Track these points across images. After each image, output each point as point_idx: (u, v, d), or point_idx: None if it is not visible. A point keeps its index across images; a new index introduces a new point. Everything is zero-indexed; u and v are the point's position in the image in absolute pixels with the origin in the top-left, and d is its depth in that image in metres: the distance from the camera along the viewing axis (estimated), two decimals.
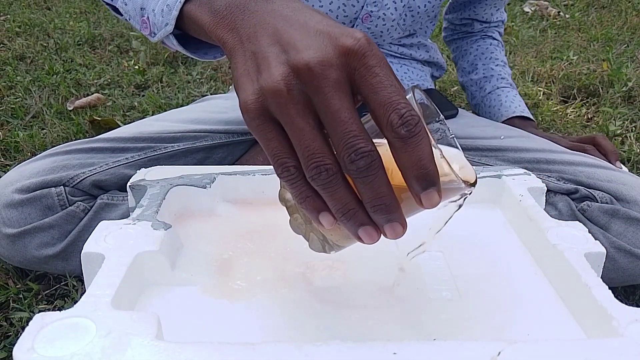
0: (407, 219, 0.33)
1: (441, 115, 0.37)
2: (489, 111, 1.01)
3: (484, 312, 0.41)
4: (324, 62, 0.31)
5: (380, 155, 0.30)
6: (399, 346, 0.32)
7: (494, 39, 1.07)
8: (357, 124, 0.30)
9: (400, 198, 0.32)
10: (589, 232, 0.46)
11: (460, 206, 0.37)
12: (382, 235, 0.33)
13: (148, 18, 0.53)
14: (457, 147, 0.38)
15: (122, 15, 0.60)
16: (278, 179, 0.33)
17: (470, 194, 0.36)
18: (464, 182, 0.33)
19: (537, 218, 0.48)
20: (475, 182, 0.36)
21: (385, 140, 0.31)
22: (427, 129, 0.31)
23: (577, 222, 0.48)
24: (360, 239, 0.33)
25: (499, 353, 0.32)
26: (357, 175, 0.30)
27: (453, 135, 0.37)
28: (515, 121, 0.96)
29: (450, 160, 0.32)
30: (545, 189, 0.55)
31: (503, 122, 0.95)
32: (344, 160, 0.30)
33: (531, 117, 0.98)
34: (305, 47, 0.32)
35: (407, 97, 0.32)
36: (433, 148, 0.31)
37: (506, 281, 0.45)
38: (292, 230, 0.38)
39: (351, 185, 0.31)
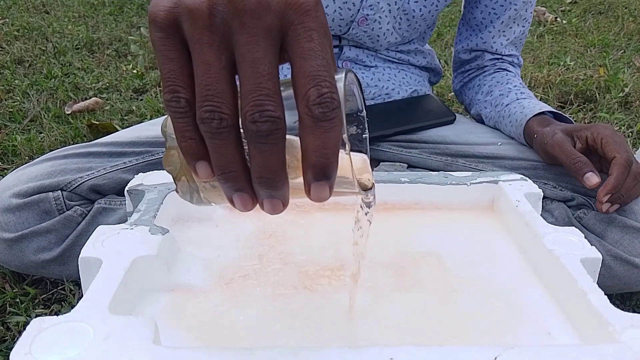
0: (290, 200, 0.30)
1: (364, 111, 0.34)
2: (510, 120, 0.84)
3: (480, 316, 0.41)
4: (262, 0, 0.27)
5: (285, 127, 0.27)
6: (396, 351, 0.32)
7: (509, 71, 0.94)
8: (273, 82, 0.27)
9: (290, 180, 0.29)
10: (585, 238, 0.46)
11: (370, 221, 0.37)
12: (257, 205, 0.30)
13: None
14: (367, 148, 0.35)
15: None
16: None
17: (371, 201, 0.35)
18: (360, 185, 0.32)
19: (533, 224, 0.49)
20: (372, 187, 0.34)
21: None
22: (343, 119, 0.28)
23: (573, 227, 0.48)
24: (232, 203, 0.29)
25: (495, 358, 0.32)
26: (254, 138, 0.26)
27: (366, 135, 0.35)
28: (547, 118, 0.80)
29: (354, 161, 0.30)
30: (542, 194, 0.55)
31: (531, 119, 0.80)
32: (246, 116, 0.26)
33: (564, 115, 0.83)
34: None
35: (337, 76, 0.28)
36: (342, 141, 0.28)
37: (502, 286, 0.45)
38: (163, 165, 0.34)
39: (242, 144, 0.28)
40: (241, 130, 0.28)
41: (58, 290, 0.74)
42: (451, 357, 0.32)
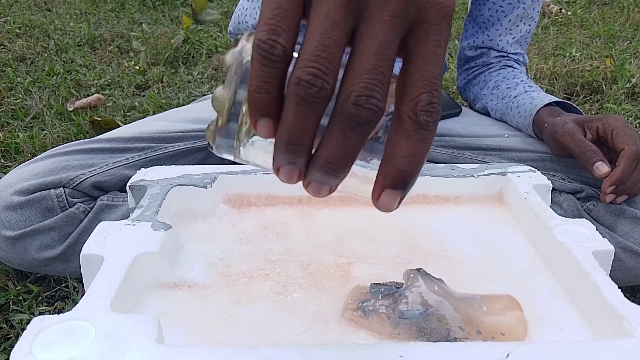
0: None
1: None
2: (519, 111, 0.83)
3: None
4: None
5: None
6: (405, 348, 0.31)
7: (515, 68, 0.94)
8: (390, 71, 0.25)
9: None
10: None
11: None
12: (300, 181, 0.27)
13: None
14: None
15: None
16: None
17: None
18: None
19: (543, 216, 0.48)
20: None
21: None
22: None
23: (584, 219, 0.47)
24: (277, 171, 0.27)
25: (508, 355, 0.31)
26: (346, 120, 0.24)
27: None
28: (556, 109, 0.79)
29: None
30: (551, 186, 0.54)
31: (541, 109, 0.79)
32: (350, 95, 0.24)
33: (574, 106, 0.82)
34: None
35: None
36: None
37: (512, 280, 0.44)
38: (212, 100, 0.30)
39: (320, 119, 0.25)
40: None
41: (62, 288, 0.74)
42: (462, 354, 0.31)
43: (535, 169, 0.56)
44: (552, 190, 0.54)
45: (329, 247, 0.48)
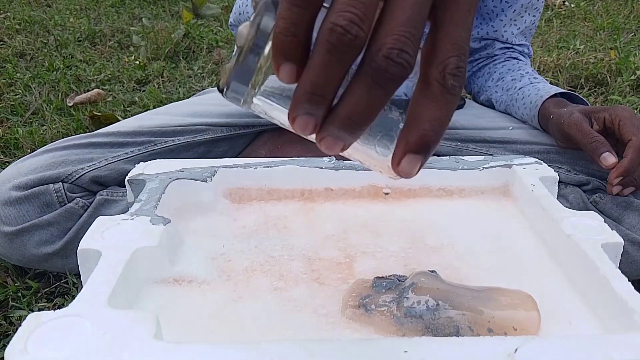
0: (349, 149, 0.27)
1: None
2: (524, 102, 0.81)
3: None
4: None
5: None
6: (410, 343, 0.30)
7: (520, 60, 0.93)
8: (423, 26, 0.24)
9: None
10: None
11: None
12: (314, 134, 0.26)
13: None
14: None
15: None
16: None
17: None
18: None
19: (550, 208, 0.47)
20: None
21: None
22: None
23: (592, 211, 0.46)
24: (292, 120, 0.25)
25: (516, 350, 0.30)
26: (374, 74, 0.23)
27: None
28: (562, 100, 0.78)
29: None
30: (558, 178, 0.53)
31: (547, 100, 0.77)
32: (382, 48, 0.23)
33: (580, 97, 0.81)
34: None
35: None
36: None
37: (519, 274, 0.43)
38: (236, 36, 0.28)
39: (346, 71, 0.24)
40: None
41: (61, 284, 0.73)
42: (469, 349, 0.30)
43: (541, 161, 0.55)
44: (557, 183, 0.53)
45: (332, 242, 0.47)
